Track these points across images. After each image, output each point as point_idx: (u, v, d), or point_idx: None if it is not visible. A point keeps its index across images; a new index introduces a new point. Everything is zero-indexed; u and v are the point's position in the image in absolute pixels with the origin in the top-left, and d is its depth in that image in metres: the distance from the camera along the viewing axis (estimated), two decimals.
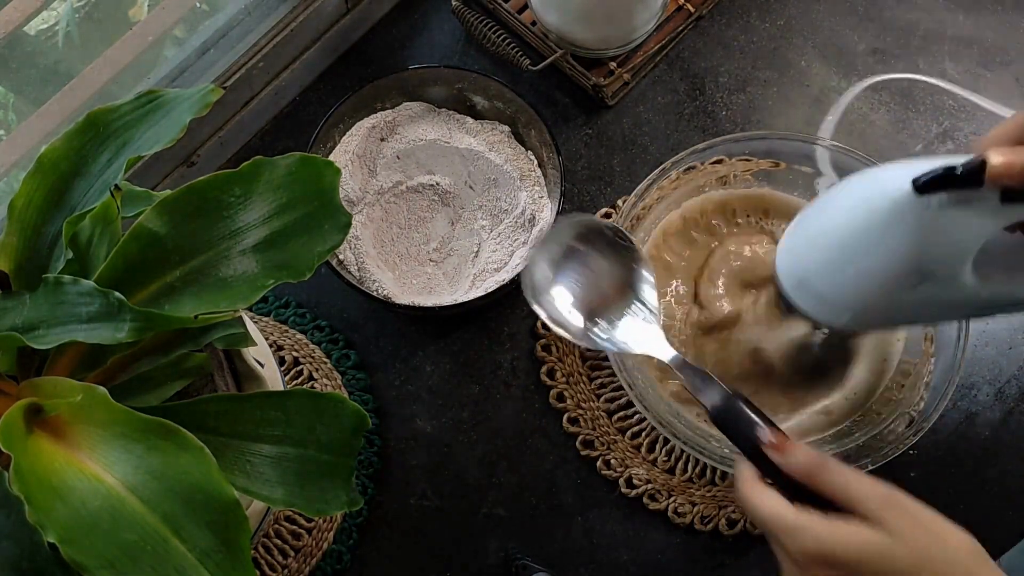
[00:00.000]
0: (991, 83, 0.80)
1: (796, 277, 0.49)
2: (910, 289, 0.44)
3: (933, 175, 0.39)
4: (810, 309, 0.49)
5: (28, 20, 0.66)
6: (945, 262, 0.43)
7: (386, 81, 0.72)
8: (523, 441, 0.70)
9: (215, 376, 0.50)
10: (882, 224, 0.43)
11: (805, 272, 0.48)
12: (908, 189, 0.40)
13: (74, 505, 0.37)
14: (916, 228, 0.41)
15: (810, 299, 0.49)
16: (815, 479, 0.43)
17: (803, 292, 0.49)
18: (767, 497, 0.43)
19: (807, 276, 0.48)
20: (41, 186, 0.46)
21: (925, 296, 0.45)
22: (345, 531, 0.67)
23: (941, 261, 0.43)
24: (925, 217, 0.41)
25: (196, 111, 0.47)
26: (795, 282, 0.49)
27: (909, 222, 0.41)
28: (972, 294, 0.44)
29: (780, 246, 0.51)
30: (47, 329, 0.41)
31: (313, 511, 0.45)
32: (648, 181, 0.65)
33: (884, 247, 0.43)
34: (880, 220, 0.43)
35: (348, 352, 0.71)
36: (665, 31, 0.79)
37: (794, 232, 0.50)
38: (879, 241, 0.43)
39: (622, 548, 0.67)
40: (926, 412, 0.61)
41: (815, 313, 0.49)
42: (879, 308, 0.47)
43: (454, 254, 0.73)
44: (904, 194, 0.41)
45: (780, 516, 0.42)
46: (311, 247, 0.46)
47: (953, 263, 0.43)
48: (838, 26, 0.82)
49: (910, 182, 0.40)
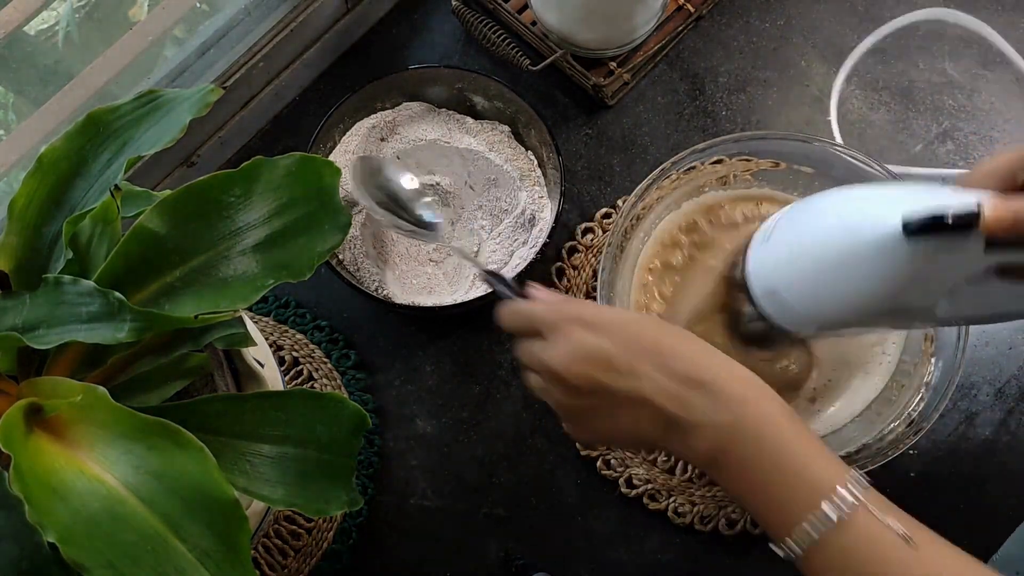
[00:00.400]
0: (991, 83, 0.80)
1: (767, 286, 0.48)
2: (886, 314, 0.45)
3: (924, 221, 0.39)
4: (777, 316, 0.49)
5: (28, 20, 0.66)
6: (922, 296, 0.43)
7: (386, 81, 0.72)
8: (523, 441, 0.70)
9: (215, 376, 0.50)
10: (865, 257, 0.42)
11: (777, 283, 0.48)
12: (897, 227, 0.40)
13: (74, 505, 0.37)
14: (900, 266, 0.41)
15: (778, 308, 0.48)
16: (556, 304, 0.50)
17: (772, 300, 0.48)
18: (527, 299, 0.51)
19: (779, 287, 0.47)
20: (41, 186, 0.46)
21: (897, 317, 0.45)
22: (345, 531, 0.67)
23: (918, 295, 0.43)
24: (910, 257, 0.41)
25: (196, 111, 0.47)
26: (765, 290, 0.49)
27: (894, 260, 0.41)
28: (940, 316, 0.45)
29: (753, 250, 0.50)
30: (47, 329, 0.41)
31: (313, 511, 0.45)
32: (648, 181, 0.65)
33: (865, 278, 0.43)
34: (864, 253, 0.42)
35: (348, 352, 0.71)
36: (665, 31, 0.79)
37: (770, 241, 0.49)
38: (860, 272, 0.43)
39: (622, 548, 0.67)
40: (926, 412, 0.61)
41: (781, 320, 0.49)
42: (847, 324, 0.47)
43: (454, 254, 0.73)
44: (892, 232, 0.40)
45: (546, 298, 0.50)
46: (311, 247, 0.46)
47: (930, 297, 0.43)
48: (838, 26, 0.82)
49: (899, 222, 0.40)
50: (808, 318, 0.47)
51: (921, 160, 0.77)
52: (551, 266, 0.74)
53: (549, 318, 0.48)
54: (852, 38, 0.81)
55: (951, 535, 0.69)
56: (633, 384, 0.45)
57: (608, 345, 0.46)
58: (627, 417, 0.46)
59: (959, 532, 0.68)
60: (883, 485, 0.68)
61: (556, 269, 0.74)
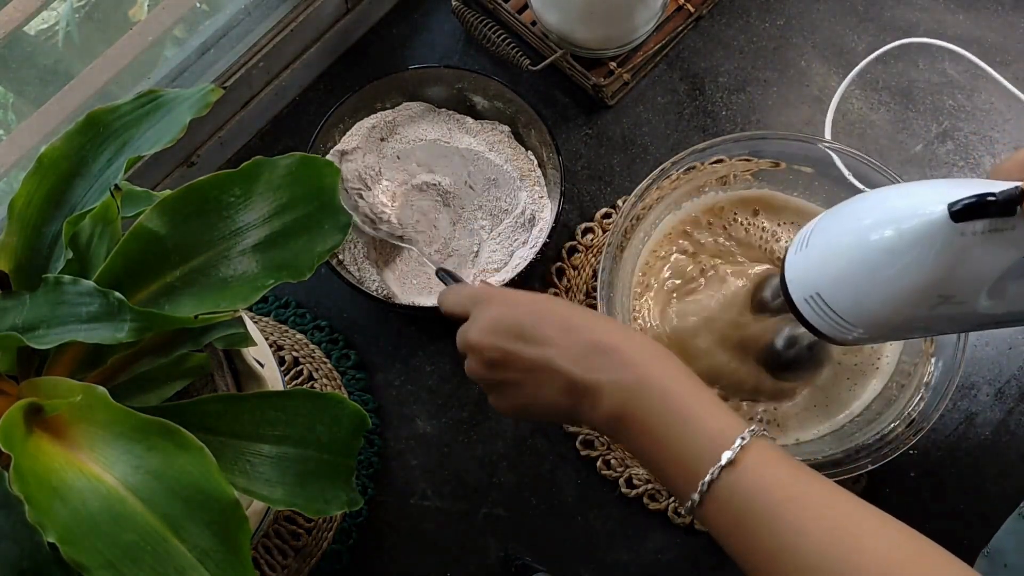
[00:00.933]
0: (991, 83, 0.80)
1: (807, 289, 0.48)
2: (926, 310, 0.44)
3: (970, 202, 0.40)
4: (817, 321, 0.48)
5: (28, 20, 0.66)
6: (967, 286, 0.43)
7: (386, 81, 0.72)
8: (523, 441, 0.70)
9: (215, 376, 0.50)
10: (911, 246, 0.42)
11: (819, 286, 0.47)
12: (942, 213, 0.41)
13: (74, 505, 0.37)
14: (945, 252, 0.42)
15: (820, 313, 0.48)
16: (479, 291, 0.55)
17: (814, 306, 0.48)
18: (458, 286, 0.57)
19: (821, 290, 0.47)
20: (41, 186, 0.46)
21: (937, 316, 0.45)
22: (345, 531, 0.67)
23: (963, 285, 0.43)
24: (956, 242, 0.41)
25: (196, 111, 0.47)
26: (806, 292, 0.48)
27: (939, 246, 0.42)
28: (982, 313, 0.45)
29: (792, 255, 0.50)
30: (47, 329, 0.41)
31: (313, 511, 0.45)
32: (648, 181, 0.65)
33: (910, 269, 0.43)
34: (910, 241, 0.42)
35: (348, 352, 0.71)
36: (665, 31, 0.79)
37: (808, 246, 0.49)
38: (906, 262, 0.43)
39: (622, 548, 0.67)
40: (926, 412, 0.61)
41: (822, 327, 0.48)
42: (889, 327, 0.47)
43: (454, 254, 0.73)
44: (938, 218, 0.41)
45: (472, 286, 0.55)
46: (311, 247, 0.46)
47: (974, 287, 0.43)
48: (838, 26, 0.82)
49: (945, 207, 0.40)
50: (850, 320, 0.47)
51: (921, 160, 0.77)
52: (551, 266, 0.74)
53: (475, 297, 0.52)
54: (852, 38, 0.81)
55: (951, 535, 0.69)
56: (541, 352, 0.48)
57: (521, 316, 0.49)
58: (539, 385, 0.49)
59: (959, 531, 0.68)
60: (883, 485, 0.69)
61: (556, 269, 0.74)
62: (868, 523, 0.41)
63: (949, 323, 0.47)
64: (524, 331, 0.49)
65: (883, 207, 0.45)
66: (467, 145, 0.73)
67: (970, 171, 0.77)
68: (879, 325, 0.47)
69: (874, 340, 0.49)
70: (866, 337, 0.48)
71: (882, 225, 0.44)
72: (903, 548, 0.40)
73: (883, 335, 0.48)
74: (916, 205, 0.42)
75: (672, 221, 0.70)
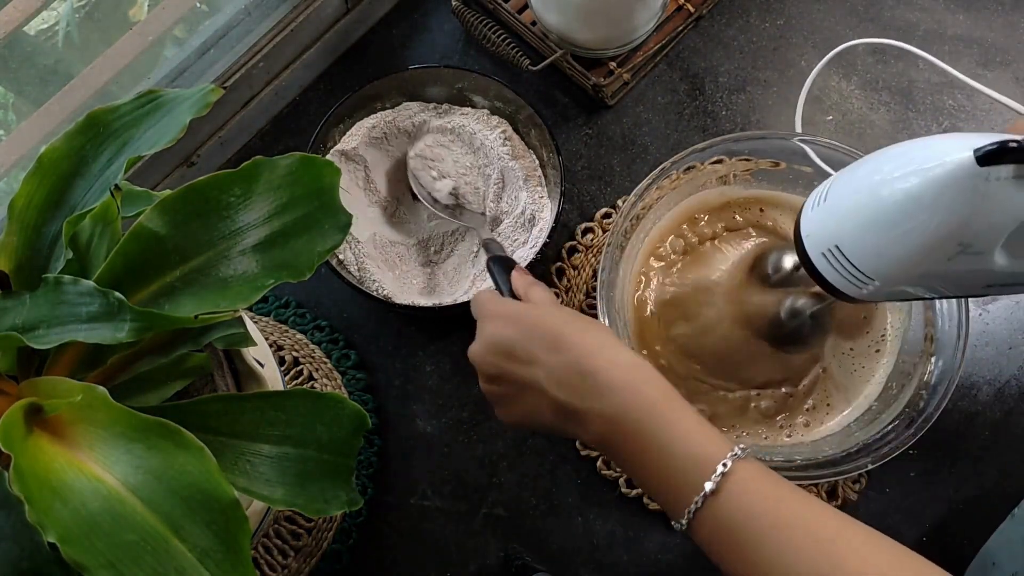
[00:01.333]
0: (991, 83, 0.80)
1: (826, 242, 0.48)
2: (943, 261, 0.45)
3: (996, 147, 0.41)
4: (833, 276, 0.49)
5: (28, 20, 0.66)
6: (987, 234, 0.44)
7: (386, 81, 0.72)
8: (523, 441, 0.70)
9: (215, 376, 0.50)
10: (935, 190, 0.43)
11: (838, 235, 0.48)
12: (968, 158, 0.42)
13: (74, 505, 0.37)
14: (969, 197, 0.42)
15: (837, 267, 0.48)
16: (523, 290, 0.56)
17: (831, 260, 0.48)
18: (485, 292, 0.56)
19: (840, 239, 0.48)
20: (41, 186, 0.46)
21: (953, 269, 0.46)
22: (345, 531, 0.67)
23: (983, 232, 0.44)
24: (980, 187, 0.42)
25: (196, 111, 0.47)
26: (824, 246, 0.49)
27: (963, 190, 0.42)
28: (998, 269, 0.46)
29: (808, 209, 0.50)
30: (47, 329, 0.41)
31: (313, 511, 0.44)
32: (648, 181, 0.65)
33: (934, 215, 0.44)
34: (934, 186, 0.43)
35: (348, 352, 0.71)
36: (665, 31, 0.79)
37: (827, 200, 0.49)
38: (930, 209, 0.44)
39: (621, 548, 0.67)
40: (926, 412, 0.61)
41: (836, 281, 0.49)
42: (906, 278, 0.47)
43: (454, 254, 0.73)
44: (964, 162, 0.42)
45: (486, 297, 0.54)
46: (311, 247, 0.46)
47: (993, 236, 0.44)
48: (838, 26, 0.82)
49: (971, 152, 0.42)
50: (868, 272, 0.47)
51: None
52: (551, 266, 0.74)
53: (479, 310, 0.53)
54: (852, 39, 0.81)
55: (951, 535, 0.69)
56: (530, 372, 0.49)
57: (512, 335, 0.50)
58: (531, 403, 0.49)
59: (959, 532, 0.68)
60: (883, 485, 0.69)
61: (556, 269, 0.74)
62: (854, 541, 0.41)
63: (962, 279, 0.48)
64: (515, 350, 0.49)
65: (906, 157, 0.45)
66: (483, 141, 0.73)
67: None
68: (896, 277, 0.47)
69: (885, 296, 0.49)
70: (880, 291, 0.48)
71: (906, 173, 0.44)
72: (889, 566, 0.41)
73: (897, 289, 0.49)
74: (941, 152, 0.43)
75: (672, 221, 0.70)
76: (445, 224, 0.74)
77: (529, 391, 0.49)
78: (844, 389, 0.67)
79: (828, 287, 0.50)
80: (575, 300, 0.73)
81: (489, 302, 0.54)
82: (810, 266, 0.50)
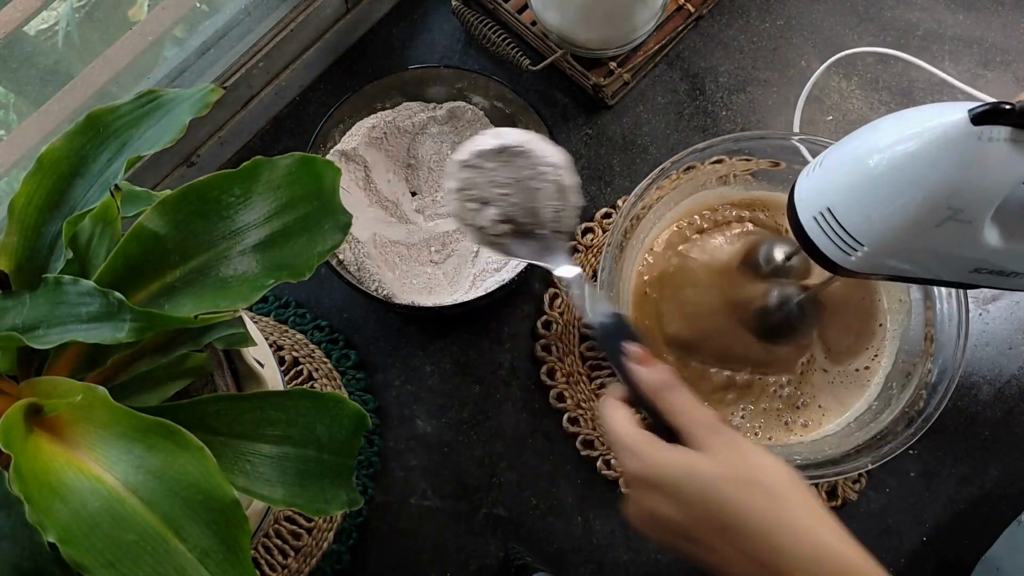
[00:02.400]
0: (991, 83, 0.80)
1: (818, 205, 0.49)
2: (933, 227, 0.46)
3: (990, 107, 0.42)
4: (822, 241, 0.49)
5: (28, 20, 0.66)
6: (978, 198, 0.45)
7: (386, 81, 0.72)
8: (523, 441, 0.70)
9: (215, 376, 0.50)
10: (928, 149, 0.44)
11: (830, 198, 0.48)
12: (962, 118, 0.43)
13: (74, 505, 0.37)
14: (961, 155, 0.43)
15: (825, 229, 0.49)
16: (658, 396, 0.45)
17: (822, 225, 0.49)
18: (618, 414, 0.45)
19: (832, 202, 0.48)
20: (41, 186, 0.46)
21: (942, 240, 0.46)
22: (345, 531, 0.67)
23: (975, 196, 0.44)
24: (972, 146, 0.43)
25: (196, 111, 0.47)
26: (814, 210, 0.49)
27: (956, 149, 0.43)
28: (987, 246, 0.47)
29: (802, 177, 0.51)
30: (47, 329, 0.41)
31: (313, 511, 0.44)
32: (648, 181, 0.65)
33: (927, 174, 0.44)
34: (927, 144, 0.44)
35: (348, 352, 0.71)
36: (665, 31, 0.79)
37: (822, 166, 0.50)
38: (921, 165, 0.44)
39: (622, 548, 0.67)
40: (926, 412, 0.61)
41: (825, 246, 0.49)
42: (896, 245, 0.47)
43: (454, 254, 0.73)
44: (958, 122, 0.43)
45: (621, 433, 0.44)
46: (311, 247, 0.46)
47: (984, 201, 0.45)
48: (838, 26, 0.82)
49: (966, 112, 0.42)
50: (857, 236, 0.48)
51: None
52: None
53: (619, 459, 0.45)
54: (852, 38, 0.81)
55: (951, 535, 0.69)
56: (707, 555, 0.42)
57: (674, 516, 0.42)
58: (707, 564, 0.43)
59: (959, 532, 0.68)
60: (883, 486, 0.69)
61: None
62: None
63: (952, 255, 0.48)
64: (686, 532, 0.42)
65: (902, 121, 0.46)
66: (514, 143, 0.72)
67: None
68: (885, 242, 0.47)
69: (871, 267, 0.50)
70: (868, 260, 0.49)
71: (901, 136, 0.45)
72: None
73: (884, 262, 0.49)
74: (936, 114, 0.44)
75: (672, 221, 0.70)
76: (444, 224, 0.74)
77: (703, 561, 0.42)
78: (842, 390, 0.67)
79: (817, 254, 0.50)
80: None
81: (631, 453, 0.44)
82: (801, 233, 0.51)
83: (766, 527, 0.40)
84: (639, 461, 0.43)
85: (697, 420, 0.43)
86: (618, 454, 0.45)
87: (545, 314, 0.72)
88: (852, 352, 0.68)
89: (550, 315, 0.72)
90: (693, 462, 0.42)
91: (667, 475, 0.42)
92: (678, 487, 0.42)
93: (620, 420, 0.45)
